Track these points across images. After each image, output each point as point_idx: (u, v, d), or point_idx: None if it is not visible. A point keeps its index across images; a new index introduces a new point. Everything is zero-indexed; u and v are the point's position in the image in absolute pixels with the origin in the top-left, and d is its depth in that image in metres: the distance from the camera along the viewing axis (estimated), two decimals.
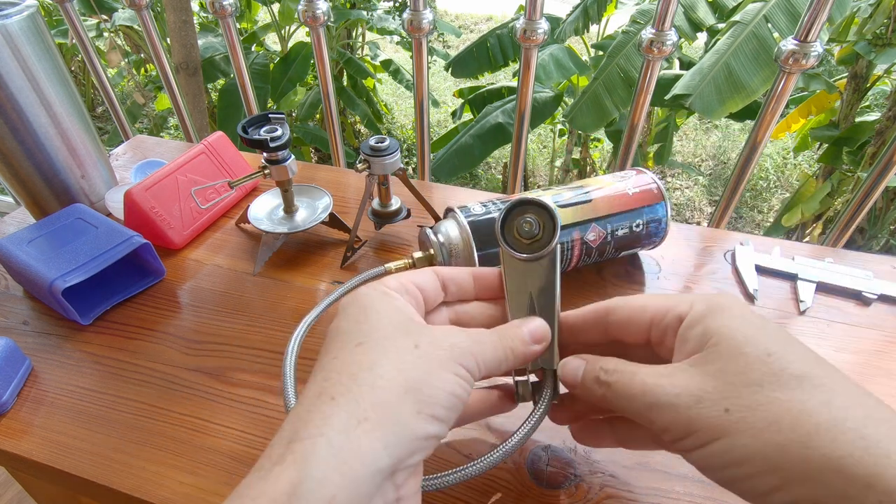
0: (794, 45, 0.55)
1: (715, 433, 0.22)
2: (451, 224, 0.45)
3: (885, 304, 0.47)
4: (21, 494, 1.10)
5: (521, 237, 0.30)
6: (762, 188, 4.51)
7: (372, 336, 0.25)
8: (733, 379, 0.22)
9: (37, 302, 0.49)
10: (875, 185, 0.64)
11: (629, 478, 0.34)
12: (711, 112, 2.05)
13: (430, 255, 0.45)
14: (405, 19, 0.69)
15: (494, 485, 0.34)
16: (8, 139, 0.51)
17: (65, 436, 0.38)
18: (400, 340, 0.25)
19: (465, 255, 0.44)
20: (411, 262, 0.44)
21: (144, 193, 0.52)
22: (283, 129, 0.48)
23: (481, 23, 7.10)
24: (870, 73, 2.75)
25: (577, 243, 0.45)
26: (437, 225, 0.46)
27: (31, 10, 0.50)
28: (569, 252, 0.45)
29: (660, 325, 0.27)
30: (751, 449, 0.21)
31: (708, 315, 0.25)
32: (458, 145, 2.90)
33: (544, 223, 0.30)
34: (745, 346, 0.23)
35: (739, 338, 0.23)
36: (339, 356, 0.24)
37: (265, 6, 3.68)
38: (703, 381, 0.23)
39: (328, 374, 0.24)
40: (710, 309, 0.25)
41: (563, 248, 0.45)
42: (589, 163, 4.05)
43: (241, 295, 0.49)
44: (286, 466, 0.20)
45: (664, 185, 0.47)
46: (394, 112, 5.51)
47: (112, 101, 0.88)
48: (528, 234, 0.30)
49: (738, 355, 0.23)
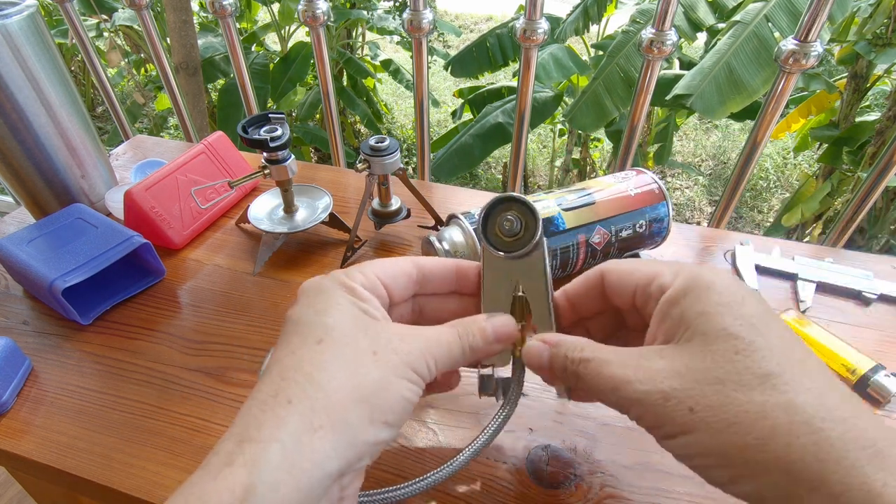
0: (794, 44, 0.55)
1: (680, 429, 0.23)
2: (455, 230, 0.45)
3: (885, 304, 0.47)
4: (21, 494, 1.10)
5: (503, 235, 0.30)
6: (762, 188, 4.51)
7: (331, 334, 0.25)
8: (699, 376, 0.23)
9: (37, 302, 0.49)
10: (875, 185, 0.64)
11: (629, 478, 0.34)
12: (712, 112, 2.05)
13: None
14: (405, 19, 0.69)
15: (494, 484, 0.34)
16: (8, 139, 0.51)
17: (65, 436, 0.38)
18: (359, 342, 0.25)
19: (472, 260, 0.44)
20: None
21: (144, 193, 0.52)
22: (283, 128, 0.48)
23: (481, 23, 7.10)
24: (870, 72, 2.75)
25: (582, 246, 0.45)
26: (440, 232, 0.46)
27: (31, 10, 0.50)
28: (574, 255, 0.45)
29: (644, 292, 0.27)
30: (710, 446, 0.22)
31: (688, 294, 0.25)
32: (458, 145, 2.90)
33: (526, 220, 0.30)
34: (715, 341, 0.23)
35: (711, 331, 0.23)
36: (297, 352, 0.24)
37: (265, 6, 3.68)
38: (671, 378, 0.23)
39: (285, 371, 0.24)
40: (690, 287, 0.25)
41: (568, 251, 0.45)
42: (589, 163, 4.05)
43: (241, 295, 0.49)
44: (236, 468, 0.20)
45: (665, 185, 0.47)
46: (394, 112, 5.50)
47: (112, 101, 0.88)
48: (509, 231, 0.30)
49: (707, 352, 0.23)
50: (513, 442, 0.36)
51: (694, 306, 0.24)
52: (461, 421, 0.38)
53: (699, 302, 0.24)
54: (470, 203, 0.61)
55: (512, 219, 0.30)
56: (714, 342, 0.23)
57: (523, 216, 0.30)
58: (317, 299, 0.26)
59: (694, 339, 0.24)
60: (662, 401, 0.23)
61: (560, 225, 0.44)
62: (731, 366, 0.22)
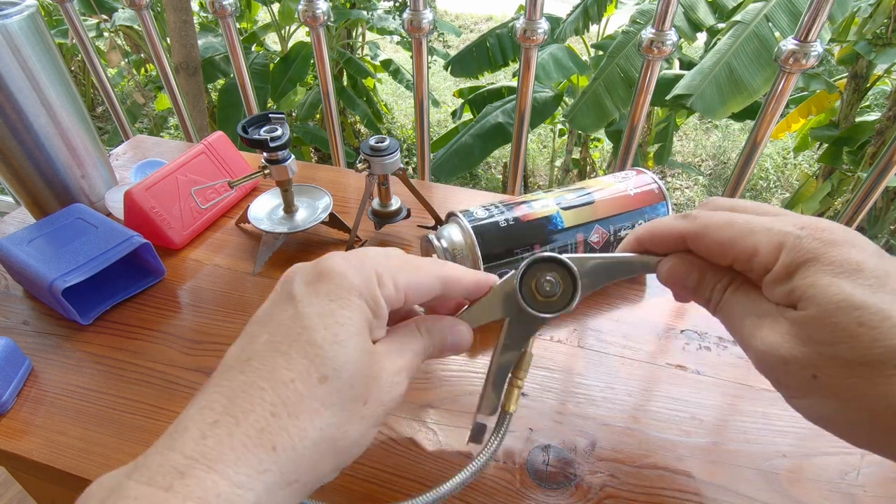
0: (794, 44, 0.55)
1: (803, 392, 0.22)
2: (454, 229, 0.45)
3: None
4: (21, 494, 1.10)
5: (537, 292, 0.29)
6: (762, 188, 4.51)
7: (339, 375, 0.22)
8: (821, 349, 0.21)
9: (37, 302, 0.49)
10: (875, 185, 0.64)
11: (629, 478, 0.34)
12: (713, 112, 2.05)
13: None
14: (405, 19, 0.69)
15: (494, 484, 0.34)
16: (8, 139, 0.51)
17: (65, 436, 0.38)
18: (357, 387, 0.23)
19: (470, 260, 0.44)
20: None
21: (144, 193, 0.52)
22: (283, 128, 0.48)
23: (481, 23, 7.10)
24: (870, 72, 2.75)
25: (580, 245, 0.45)
26: (439, 230, 0.46)
27: (31, 10, 0.50)
28: (572, 254, 0.45)
29: (744, 267, 0.25)
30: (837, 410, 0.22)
31: (796, 271, 0.22)
32: (458, 145, 2.91)
33: (564, 281, 0.29)
34: (835, 313, 0.21)
35: (830, 302, 0.21)
36: (298, 385, 0.22)
37: (265, 6, 3.68)
38: (791, 346, 0.22)
39: (278, 405, 0.21)
40: (796, 262, 0.22)
41: (566, 250, 0.45)
42: (589, 163, 4.05)
43: (241, 295, 0.49)
44: None
45: (665, 185, 0.47)
46: (394, 112, 5.51)
47: (112, 101, 0.88)
48: (548, 293, 0.29)
49: (827, 324, 0.21)
50: (513, 442, 0.36)
51: (805, 279, 0.22)
52: (461, 421, 0.38)
53: (810, 274, 0.22)
54: (470, 203, 0.61)
55: (553, 280, 0.29)
56: (834, 314, 0.21)
57: (564, 280, 0.29)
58: (335, 305, 0.23)
59: (811, 310, 0.22)
60: (782, 364, 0.22)
61: (558, 224, 0.44)
62: (855, 340, 0.20)
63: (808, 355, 0.22)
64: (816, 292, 0.22)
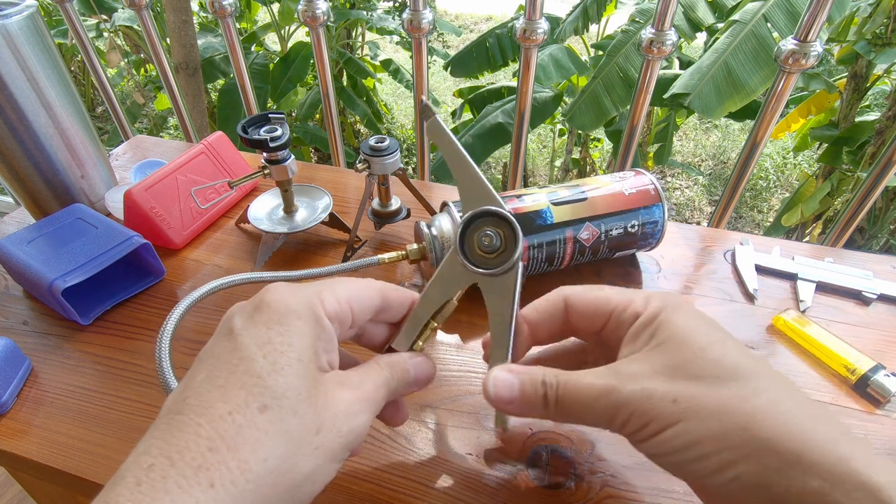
0: (793, 44, 0.55)
1: (667, 422, 0.23)
2: (445, 218, 0.46)
3: (884, 303, 0.47)
4: (21, 494, 1.10)
5: (481, 250, 0.29)
6: (762, 188, 4.51)
7: (280, 403, 0.21)
8: (676, 372, 0.24)
9: (37, 302, 0.49)
10: (875, 184, 0.64)
11: (629, 478, 0.34)
12: (710, 111, 2.05)
13: (423, 248, 0.45)
14: (405, 19, 0.69)
15: (494, 484, 0.34)
16: (8, 139, 0.51)
17: (65, 436, 0.38)
18: (306, 415, 0.22)
19: None
20: (404, 255, 0.44)
21: (144, 193, 0.52)
22: (282, 128, 0.48)
23: (481, 22, 7.10)
24: (869, 72, 2.75)
25: (569, 241, 0.45)
26: (432, 218, 0.46)
27: (31, 10, 0.50)
28: (561, 250, 0.45)
29: (619, 318, 0.28)
30: (698, 434, 0.23)
31: (660, 313, 0.26)
32: None
33: (506, 235, 0.28)
34: (685, 340, 0.25)
35: (684, 333, 0.25)
36: (236, 417, 0.21)
37: (265, 6, 3.68)
38: (651, 377, 0.24)
39: (215, 439, 0.20)
40: (662, 308, 0.26)
41: (554, 246, 0.45)
42: (589, 163, 4.05)
43: (241, 295, 0.49)
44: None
45: (663, 188, 0.47)
46: (394, 112, 5.50)
47: (112, 101, 0.88)
48: (488, 247, 0.28)
49: (679, 350, 0.25)
50: (513, 442, 0.36)
51: (667, 318, 0.26)
52: (461, 421, 0.38)
53: (672, 315, 0.26)
54: None
55: (491, 234, 0.28)
56: (685, 341, 0.25)
57: (503, 232, 0.28)
58: (272, 332, 0.23)
59: (665, 342, 0.25)
60: (647, 398, 0.24)
61: (548, 219, 0.44)
62: (703, 360, 0.24)
63: (667, 381, 0.24)
64: (674, 328, 0.25)
